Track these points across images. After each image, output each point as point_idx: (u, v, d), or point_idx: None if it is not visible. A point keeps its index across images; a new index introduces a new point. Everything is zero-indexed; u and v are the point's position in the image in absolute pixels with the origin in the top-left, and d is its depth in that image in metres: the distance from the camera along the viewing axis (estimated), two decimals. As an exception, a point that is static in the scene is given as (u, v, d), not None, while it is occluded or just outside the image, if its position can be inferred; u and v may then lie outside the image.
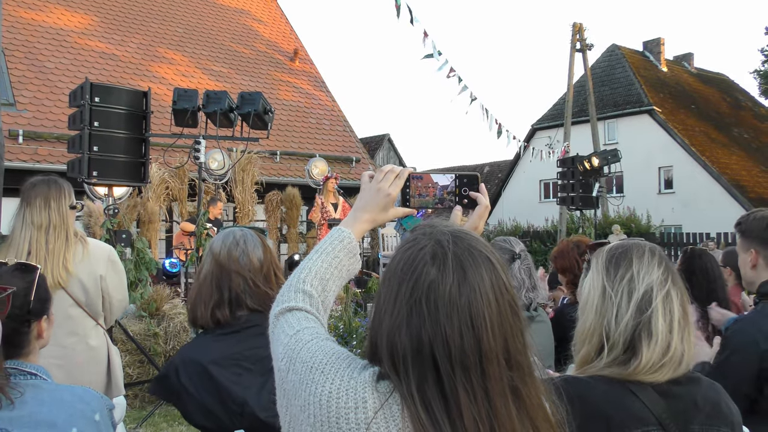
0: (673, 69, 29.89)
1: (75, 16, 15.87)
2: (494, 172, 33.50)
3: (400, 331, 1.00)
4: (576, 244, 3.18)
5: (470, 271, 1.02)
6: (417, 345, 0.98)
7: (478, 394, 0.98)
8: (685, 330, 1.47)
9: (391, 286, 1.04)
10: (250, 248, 2.05)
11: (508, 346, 1.01)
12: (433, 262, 1.02)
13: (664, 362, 1.43)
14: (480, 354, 0.98)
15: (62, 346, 2.95)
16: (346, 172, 16.54)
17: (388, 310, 1.02)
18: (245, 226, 2.15)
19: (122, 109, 6.16)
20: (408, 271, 1.03)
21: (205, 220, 6.37)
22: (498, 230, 22.46)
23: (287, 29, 21.05)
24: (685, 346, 1.45)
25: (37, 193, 2.99)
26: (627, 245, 1.57)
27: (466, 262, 1.03)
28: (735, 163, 25.09)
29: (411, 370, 0.98)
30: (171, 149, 9.10)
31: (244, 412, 1.88)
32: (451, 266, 1.01)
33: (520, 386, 1.02)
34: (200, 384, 1.92)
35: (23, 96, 12.97)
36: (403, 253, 1.07)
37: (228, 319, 1.98)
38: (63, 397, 1.45)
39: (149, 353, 6.27)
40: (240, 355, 1.95)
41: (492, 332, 0.99)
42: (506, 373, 1.00)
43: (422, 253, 1.04)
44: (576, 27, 19.75)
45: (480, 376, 0.98)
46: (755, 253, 2.36)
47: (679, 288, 1.50)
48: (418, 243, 1.06)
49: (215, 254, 2.04)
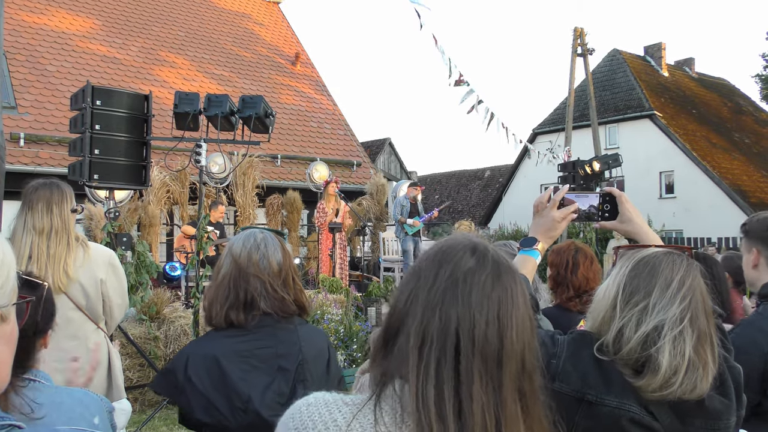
0: (674, 74, 29.91)
1: (77, 20, 15.90)
2: (495, 176, 33.48)
3: (435, 309, 1.03)
4: (577, 248, 3.17)
5: (504, 275, 1.07)
6: (445, 325, 1.01)
7: (490, 384, 1.00)
8: (698, 369, 1.38)
9: (431, 267, 1.08)
10: (271, 252, 2.04)
11: (525, 355, 1.04)
12: (472, 254, 1.08)
13: (665, 394, 1.39)
14: (501, 349, 1.02)
15: (63, 350, 2.94)
16: (347, 176, 16.54)
17: (425, 288, 1.05)
18: (266, 228, 2.14)
19: (123, 112, 6.16)
20: (448, 255, 1.08)
21: (206, 223, 6.36)
22: (498, 234, 22.43)
23: (289, 33, 21.08)
24: (697, 381, 1.38)
25: (40, 197, 2.98)
26: (658, 266, 1.46)
27: (502, 266, 1.08)
28: (736, 168, 25.08)
29: (434, 350, 1.00)
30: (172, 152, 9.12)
31: (248, 408, 1.88)
32: (489, 263, 1.07)
33: (529, 395, 1.04)
34: (207, 377, 1.91)
35: (25, 99, 12.99)
36: (443, 243, 1.12)
37: (241, 321, 1.98)
38: (62, 401, 1.44)
39: (149, 357, 6.26)
40: (249, 352, 1.95)
41: (515, 334, 1.04)
42: (519, 376, 1.03)
43: (462, 245, 1.10)
44: (577, 32, 19.76)
45: (497, 368, 1.01)
46: (757, 253, 2.38)
47: (698, 326, 1.41)
48: (457, 239, 1.12)
49: (235, 256, 2.03)
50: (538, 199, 1.87)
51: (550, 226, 1.82)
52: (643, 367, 1.41)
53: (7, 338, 1.03)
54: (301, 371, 1.98)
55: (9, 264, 1.01)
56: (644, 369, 1.40)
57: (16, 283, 1.04)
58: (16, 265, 1.03)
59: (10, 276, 1.01)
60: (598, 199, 1.84)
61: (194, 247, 7.25)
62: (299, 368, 1.98)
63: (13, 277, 1.02)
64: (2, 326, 1.01)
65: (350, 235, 12.74)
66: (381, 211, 14.44)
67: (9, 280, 1.01)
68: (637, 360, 1.42)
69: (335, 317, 6.92)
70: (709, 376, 1.41)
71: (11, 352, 1.06)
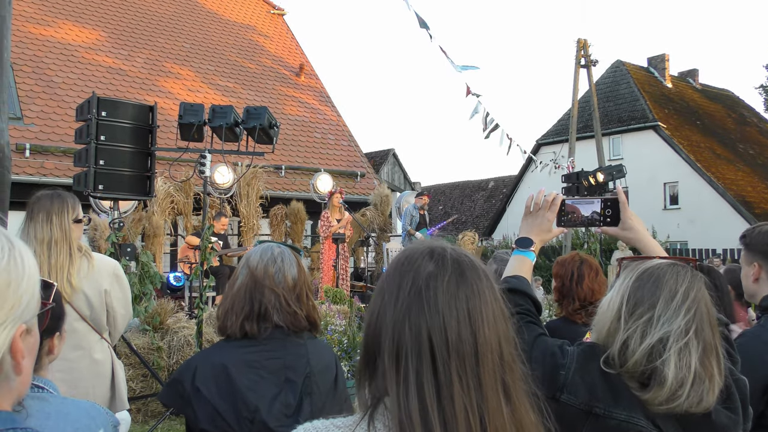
0: (677, 85, 29.94)
1: (83, 32, 16.01)
2: (499, 187, 33.48)
3: (403, 322, 1.02)
4: (582, 260, 3.16)
5: (467, 272, 1.06)
6: (417, 334, 1.01)
7: (471, 383, 0.99)
8: (704, 382, 1.37)
9: (392, 282, 1.07)
10: (287, 267, 2.07)
11: (501, 346, 1.04)
12: (431, 258, 1.07)
13: (672, 407, 1.38)
14: (476, 345, 1.01)
15: (67, 360, 2.94)
16: (351, 186, 16.56)
17: (391, 303, 1.05)
18: (283, 243, 2.17)
19: (128, 123, 6.19)
20: (408, 264, 1.07)
21: (210, 233, 6.37)
22: (503, 245, 22.40)
23: (293, 44, 21.18)
24: (703, 394, 1.37)
25: (40, 207, 2.99)
26: (662, 278, 1.45)
27: (464, 263, 1.07)
28: (740, 179, 25.04)
29: (411, 361, 1.00)
30: (176, 163, 9.14)
31: (255, 419, 1.89)
32: (449, 264, 1.06)
33: (511, 386, 1.03)
34: (215, 386, 1.92)
35: (31, 110, 13.06)
36: (400, 255, 1.12)
37: (254, 332, 2.00)
38: (69, 411, 1.45)
39: (153, 367, 6.25)
40: (258, 363, 1.96)
41: (488, 328, 1.03)
42: (499, 369, 1.03)
43: (420, 250, 1.09)
44: (581, 43, 19.82)
45: (475, 365, 1.00)
46: (758, 267, 2.36)
47: (703, 337, 1.40)
48: (415, 246, 1.12)
49: (252, 268, 2.06)
50: (531, 200, 1.90)
51: (546, 228, 1.86)
52: (649, 379, 1.40)
53: (30, 348, 1.06)
54: (308, 384, 1.99)
55: (36, 278, 1.03)
56: (650, 382, 1.40)
57: (40, 295, 1.06)
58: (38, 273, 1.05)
59: (36, 291, 1.03)
60: (600, 205, 1.88)
61: (198, 258, 7.26)
62: (306, 380, 1.99)
63: (38, 289, 1.04)
64: (28, 339, 1.03)
65: (354, 245, 12.74)
66: (385, 221, 14.44)
67: (35, 295, 1.03)
68: (642, 372, 1.41)
69: (339, 328, 6.91)
70: (716, 388, 1.40)
71: (33, 360, 1.09)
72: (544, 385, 1.52)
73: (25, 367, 1.03)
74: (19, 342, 1.00)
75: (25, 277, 1.00)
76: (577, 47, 19.86)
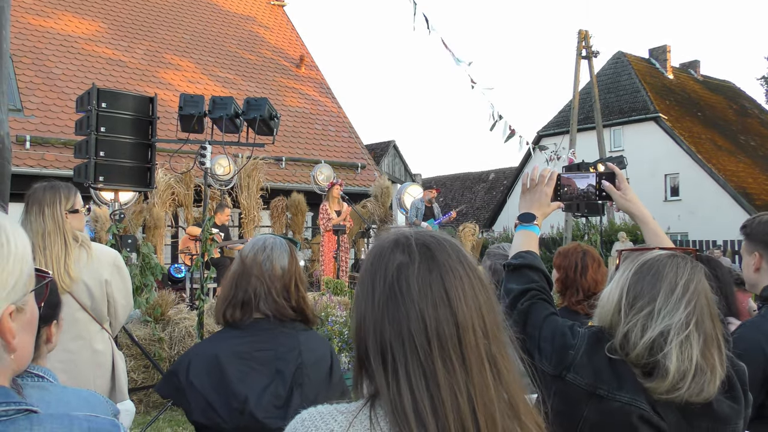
0: (679, 76, 29.86)
1: (82, 23, 15.96)
2: (499, 179, 33.45)
3: (383, 320, 1.02)
4: (584, 251, 3.15)
5: (437, 252, 1.05)
6: (397, 329, 1.00)
7: (456, 363, 0.99)
8: (706, 373, 1.38)
9: (366, 283, 1.07)
10: (276, 255, 2.07)
11: (484, 318, 1.03)
12: (397, 248, 1.06)
13: (673, 396, 1.40)
14: (456, 324, 1.00)
15: (67, 350, 2.95)
16: (352, 178, 16.54)
17: (369, 304, 1.04)
18: (281, 236, 2.17)
19: (129, 114, 6.18)
20: (377, 261, 1.07)
21: (210, 225, 6.37)
22: (503, 237, 22.42)
23: (293, 36, 21.11)
24: (704, 385, 1.38)
25: (33, 200, 2.99)
26: (662, 270, 1.45)
27: (431, 244, 1.06)
28: (741, 171, 25.01)
29: (397, 357, 0.99)
30: (177, 155, 9.12)
31: (244, 409, 1.90)
32: (416, 249, 1.05)
33: (497, 356, 1.03)
34: (208, 378, 1.94)
35: (31, 102, 13.04)
36: (369, 252, 1.12)
37: (236, 318, 2.01)
38: (69, 400, 1.45)
39: (154, 358, 6.27)
40: (249, 354, 1.98)
41: (467, 304, 1.02)
42: (483, 341, 1.02)
43: (386, 243, 1.09)
44: (582, 34, 19.75)
45: (457, 344, 1.00)
46: (759, 256, 2.35)
47: (704, 330, 1.40)
48: (381, 239, 1.11)
49: (243, 255, 2.09)
50: (527, 176, 1.94)
51: (545, 202, 1.91)
52: (652, 369, 1.42)
53: (25, 326, 1.07)
54: (299, 375, 1.99)
55: (21, 257, 1.03)
56: (653, 372, 1.41)
57: (32, 271, 1.07)
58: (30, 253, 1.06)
59: (24, 270, 1.03)
60: (595, 179, 1.92)
61: (199, 249, 7.27)
62: (297, 372, 1.99)
63: (27, 269, 1.05)
64: (20, 317, 1.05)
65: (354, 237, 12.74)
66: (385, 213, 14.43)
67: (23, 275, 1.03)
68: (645, 364, 1.42)
69: (339, 319, 6.92)
70: (717, 379, 1.41)
71: (32, 335, 1.11)
72: (552, 363, 1.54)
73: (19, 345, 1.04)
74: (7, 321, 1.01)
75: (11, 258, 1.00)
76: (578, 38, 19.79)
